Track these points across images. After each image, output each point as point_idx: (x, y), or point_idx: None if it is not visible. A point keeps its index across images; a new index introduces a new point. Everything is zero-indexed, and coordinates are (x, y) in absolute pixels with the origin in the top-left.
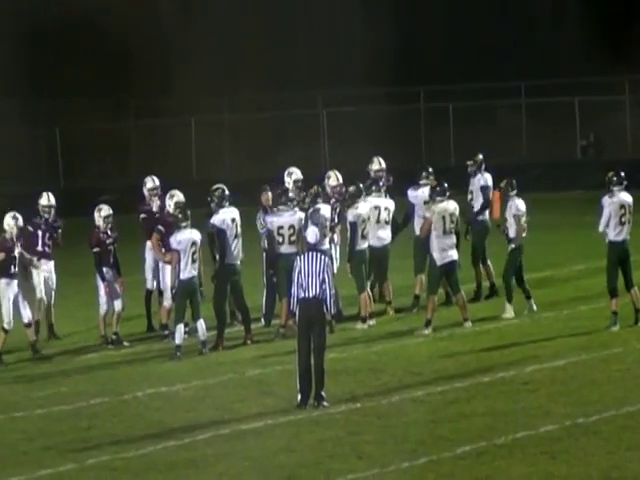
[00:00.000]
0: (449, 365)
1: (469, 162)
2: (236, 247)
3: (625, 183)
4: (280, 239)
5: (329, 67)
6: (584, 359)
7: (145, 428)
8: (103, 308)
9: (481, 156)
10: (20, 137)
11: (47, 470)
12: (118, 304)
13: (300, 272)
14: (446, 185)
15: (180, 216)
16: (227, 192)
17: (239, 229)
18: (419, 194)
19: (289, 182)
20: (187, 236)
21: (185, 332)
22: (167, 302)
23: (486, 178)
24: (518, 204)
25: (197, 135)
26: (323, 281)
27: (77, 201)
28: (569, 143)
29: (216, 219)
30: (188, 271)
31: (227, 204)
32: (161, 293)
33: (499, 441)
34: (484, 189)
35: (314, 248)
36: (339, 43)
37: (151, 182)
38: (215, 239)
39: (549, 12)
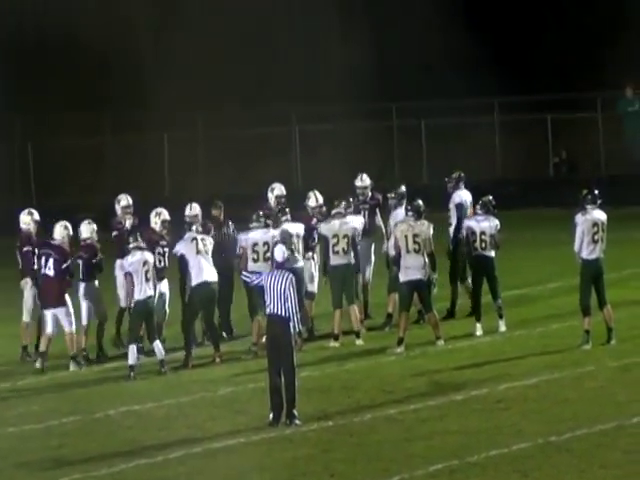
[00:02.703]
0: (422, 383)
1: (447, 179)
2: (202, 266)
3: (599, 201)
4: (255, 256)
5: (303, 84)
6: (556, 377)
7: (117, 446)
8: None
9: (458, 174)
10: None
11: None
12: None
13: (266, 290)
14: (421, 202)
15: (161, 233)
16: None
17: (205, 248)
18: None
19: (271, 198)
20: (137, 257)
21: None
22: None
23: (461, 195)
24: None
25: (171, 151)
26: (287, 299)
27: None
28: (542, 160)
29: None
30: (143, 292)
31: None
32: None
33: (472, 459)
34: (458, 207)
35: (281, 266)
36: (314, 60)
37: (125, 200)
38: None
39: (523, 29)
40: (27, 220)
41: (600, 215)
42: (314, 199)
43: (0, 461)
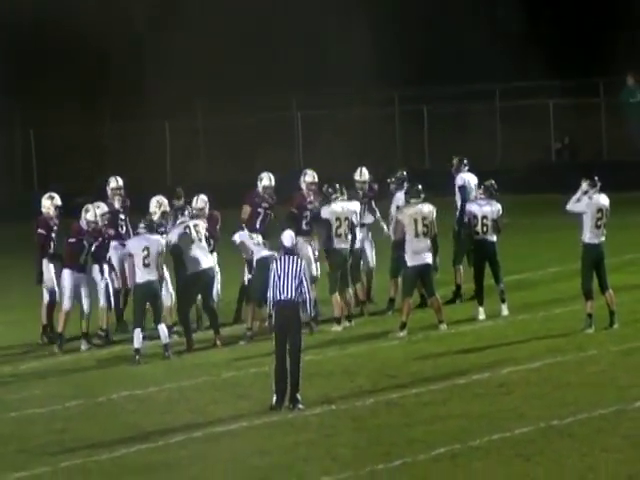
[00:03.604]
0: (424, 367)
1: (449, 162)
2: (196, 253)
3: (599, 184)
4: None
5: (305, 70)
6: (559, 361)
7: (119, 431)
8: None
9: (458, 158)
10: None
11: (21, 473)
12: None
13: (276, 275)
14: (420, 187)
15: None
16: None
17: (198, 235)
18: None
19: (259, 187)
20: (137, 242)
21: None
22: (167, 301)
23: (463, 177)
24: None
25: (172, 139)
26: (300, 284)
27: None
28: (544, 146)
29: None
30: (141, 276)
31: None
32: (127, 292)
33: (474, 443)
34: (461, 189)
35: (290, 251)
36: (315, 46)
37: (114, 182)
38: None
39: (521, 15)
40: (47, 204)
41: (604, 200)
42: (311, 175)
43: (2, 446)
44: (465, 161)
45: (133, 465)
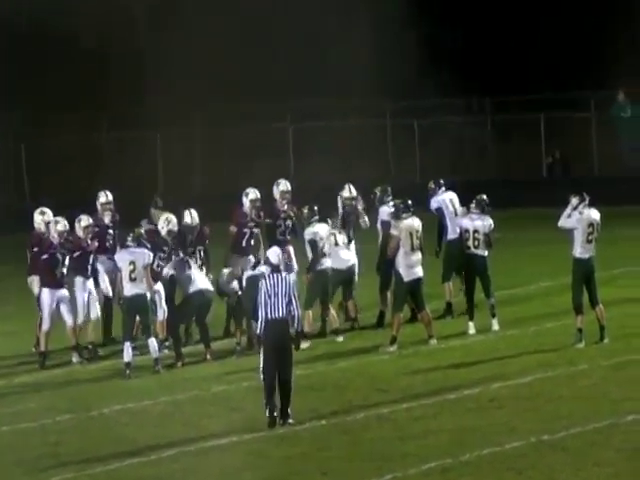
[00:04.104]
0: (415, 382)
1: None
2: (194, 277)
3: (587, 199)
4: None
5: (298, 83)
6: (550, 376)
7: (112, 444)
8: (80, 317)
9: (432, 182)
10: None
11: None
12: (94, 312)
13: (266, 295)
14: (410, 202)
15: (169, 241)
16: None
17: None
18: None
19: (246, 202)
20: (125, 256)
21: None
22: (160, 316)
23: (438, 200)
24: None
25: (167, 149)
26: (289, 301)
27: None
28: (535, 160)
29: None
30: (129, 289)
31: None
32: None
33: (465, 458)
34: (438, 211)
35: (277, 269)
36: (310, 59)
37: (104, 197)
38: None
39: (517, 28)
40: (38, 220)
41: (595, 215)
42: (284, 185)
43: None
44: (441, 181)
45: (126, 478)
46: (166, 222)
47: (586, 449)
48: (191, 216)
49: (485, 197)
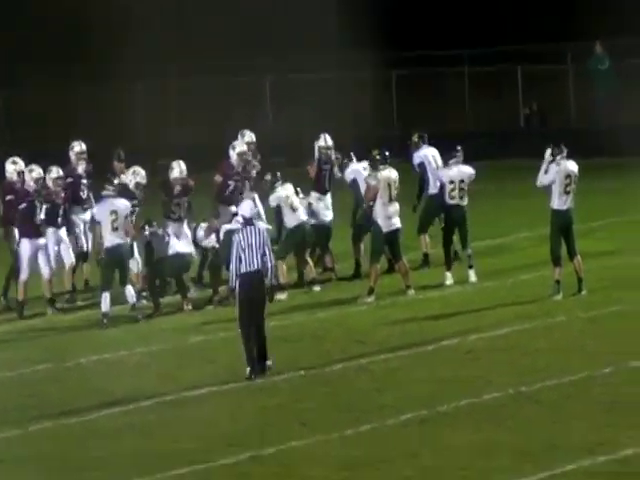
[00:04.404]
0: (392, 333)
1: (409, 142)
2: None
3: (565, 151)
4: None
5: (274, 32)
6: (527, 328)
7: (88, 395)
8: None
9: (416, 135)
10: None
11: None
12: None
13: (240, 247)
14: (387, 153)
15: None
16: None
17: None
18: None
19: (233, 154)
20: (105, 206)
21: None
22: (134, 267)
23: (420, 155)
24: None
25: (141, 102)
26: (264, 254)
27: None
28: (512, 112)
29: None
30: (110, 240)
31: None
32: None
33: (442, 409)
34: (420, 166)
35: (250, 221)
36: (287, 8)
37: (78, 146)
38: None
39: None
40: (10, 169)
41: (572, 166)
42: (249, 136)
43: None
44: (425, 135)
45: (102, 429)
46: (134, 175)
47: (563, 401)
48: (180, 168)
49: (459, 148)
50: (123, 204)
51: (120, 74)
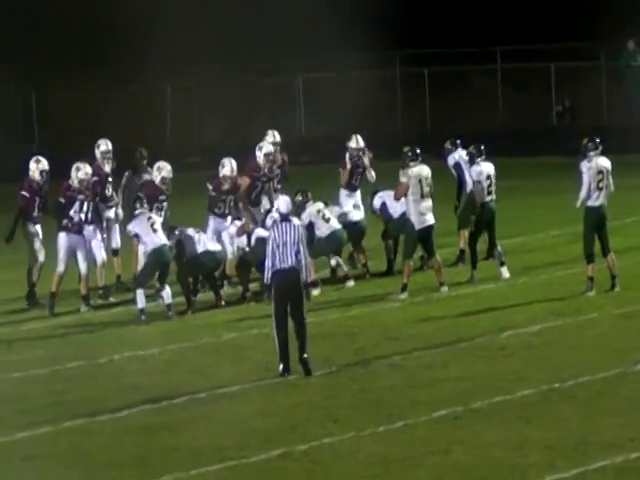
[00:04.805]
0: (425, 330)
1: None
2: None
3: (600, 148)
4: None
5: (305, 33)
6: (560, 325)
7: (120, 392)
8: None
9: (450, 140)
10: None
11: (23, 433)
12: (100, 256)
13: (274, 243)
14: (418, 150)
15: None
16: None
17: None
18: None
19: (260, 155)
20: (140, 217)
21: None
22: (231, 255)
23: (454, 156)
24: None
25: (172, 102)
26: (298, 251)
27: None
28: (545, 109)
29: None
30: (154, 241)
31: None
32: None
33: (475, 405)
34: (456, 167)
35: (287, 218)
36: (315, 9)
37: (104, 145)
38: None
39: None
40: (32, 167)
41: (605, 162)
42: (271, 135)
43: (4, 406)
44: (458, 141)
45: (134, 426)
46: (159, 170)
47: (595, 398)
48: (231, 166)
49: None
50: (155, 214)
51: (149, 75)
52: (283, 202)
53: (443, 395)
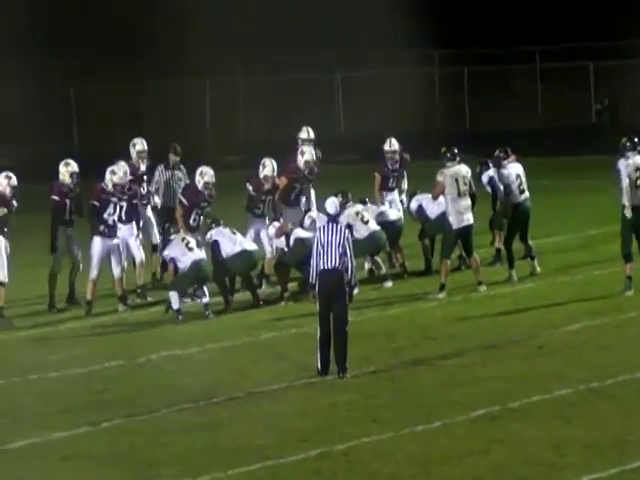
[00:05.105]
0: (463, 329)
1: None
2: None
3: (639, 147)
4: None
5: (345, 30)
6: (598, 324)
7: (159, 391)
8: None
9: (480, 163)
10: (34, 97)
11: (63, 432)
12: (139, 256)
13: (320, 244)
14: (456, 150)
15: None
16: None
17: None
18: None
19: (301, 160)
20: (174, 242)
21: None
22: (269, 254)
23: (489, 175)
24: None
25: (211, 97)
26: (344, 253)
27: (93, 164)
28: (584, 108)
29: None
30: (189, 258)
31: None
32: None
33: (513, 405)
34: (490, 181)
35: (334, 219)
36: (355, 5)
37: (140, 144)
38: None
39: None
40: (62, 170)
41: None
42: (305, 132)
43: (43, 406)
44: (488, 162)
45: (173, 425)
46: (201, 175)
47: (634, 398)
48: (272, 166)
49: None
50: (189, 236)
51: (189, 72)
52: (331, 203)
53: (481, 395)
